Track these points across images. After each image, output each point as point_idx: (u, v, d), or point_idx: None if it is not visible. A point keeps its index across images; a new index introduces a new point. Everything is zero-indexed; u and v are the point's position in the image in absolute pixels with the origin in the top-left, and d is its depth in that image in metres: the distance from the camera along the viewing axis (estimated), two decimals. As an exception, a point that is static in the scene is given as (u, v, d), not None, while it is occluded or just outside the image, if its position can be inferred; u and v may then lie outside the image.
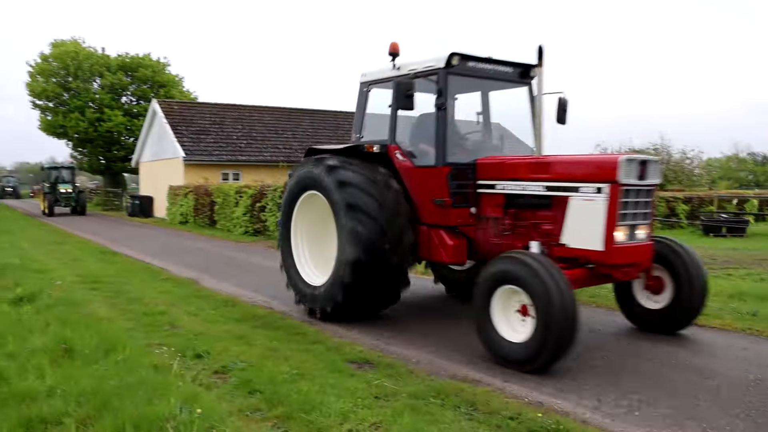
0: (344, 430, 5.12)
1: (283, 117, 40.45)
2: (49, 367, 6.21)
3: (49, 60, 51.41)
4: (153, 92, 52.26)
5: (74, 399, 5.36)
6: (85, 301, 9.85)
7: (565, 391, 6.21)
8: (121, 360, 6.50)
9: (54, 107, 51.57)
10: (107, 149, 52.13)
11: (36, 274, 12.55)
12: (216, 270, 14.78)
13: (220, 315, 9.59)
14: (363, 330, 8.77)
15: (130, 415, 4.93)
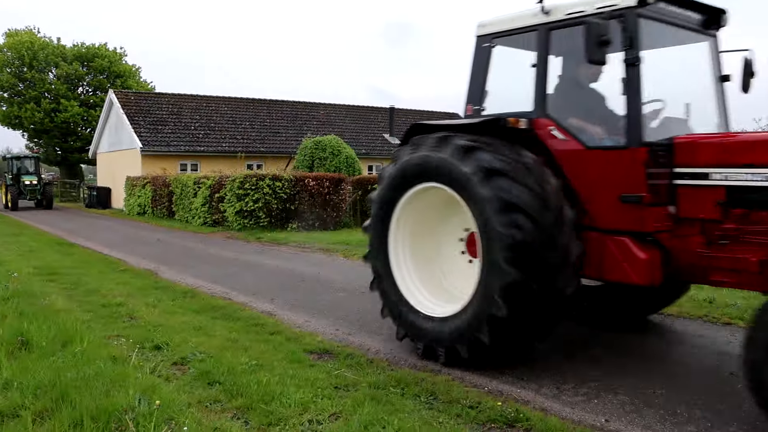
0: (304, 420, 5.15)
1: (241, 107, 40.20)
2: (5, 360, 6.15)
3: (3, 50, 50.36)
4: (110, 83, 51.61)
5: (31, 392, 5.32)
6: (42, 293, 9.73)
7: (525, 380, 6.27)
8: (78, 352, 6.45)
9: (9, 98, 50.68)
10: (64, 140, 51.39)
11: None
12: (174, 261, 14.69)
13: (179, 306, 9.56)
14: (321, 320, 8.81)
15: (87, 407, 4.90)
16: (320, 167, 27.19)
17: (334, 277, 12.32)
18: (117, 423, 4.73)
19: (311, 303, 9.98)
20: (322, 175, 22.29)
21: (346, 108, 45.22)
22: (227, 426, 4.96)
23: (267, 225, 21.14)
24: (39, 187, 38.17)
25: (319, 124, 40.78)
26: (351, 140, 38.15)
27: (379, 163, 40.75)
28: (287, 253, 16.36)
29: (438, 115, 49.27)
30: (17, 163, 39.43)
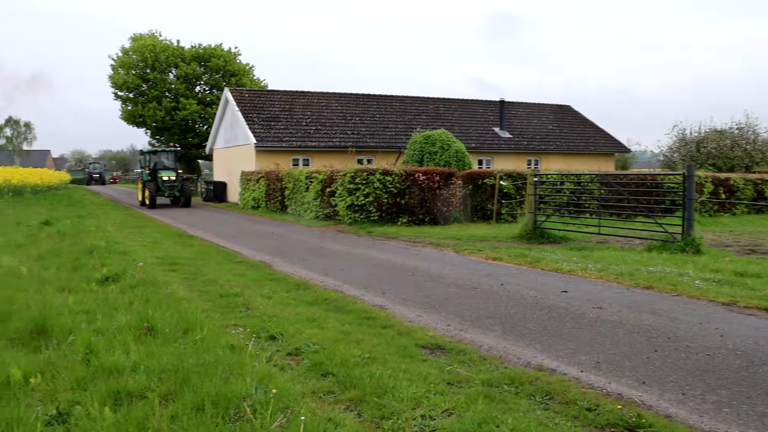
0: (417, 415, 5.12)
1: (351, 103, 40.67)
2: (133, 344, 6.46)
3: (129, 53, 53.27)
4: (225, 81, 53.56)
5: (156, 375, 5.55)
6: (164, 282, 10.14)
7: (647, 383, 5.99)
8: (199, 339, 6.68)
9: (134, 97, 53.55)
10: (183, 137, 53.59)
11: (120, 255, 13.00)
12: (288, 254, 15.00)
13: (293, 298, 9.73)
14: (433, 315, 8.77)
15: (208, 392, 5.06)
16: (430, 162, 27.15)
17: (446, 272, 12.27)
18: (235, 409, 4.85)
19: (422, 298, 9.96)
20: (432, 170, 22.24)
21: (455, 102, 45.00)
22: (341, 417, 4.99)
23: (377, 219, 21.29)
24: (177, 183, 34.67)
25: (428, 119, 40.76)
26: (461, 134, 37.98)
27: (490, 156, 40.36)
28: (398, 247, 16.42)
29: (549, 107, 48.35)
30: (155, 158, 35.87)
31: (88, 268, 11.14)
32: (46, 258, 12.33)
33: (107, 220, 23.40)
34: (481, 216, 23.51)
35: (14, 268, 10.71)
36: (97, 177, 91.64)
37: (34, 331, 6.84)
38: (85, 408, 4.85)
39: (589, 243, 16.77)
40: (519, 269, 12.66)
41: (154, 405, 4.86)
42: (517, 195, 23.02)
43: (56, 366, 5.79)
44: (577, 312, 8.86)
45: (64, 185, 64.29)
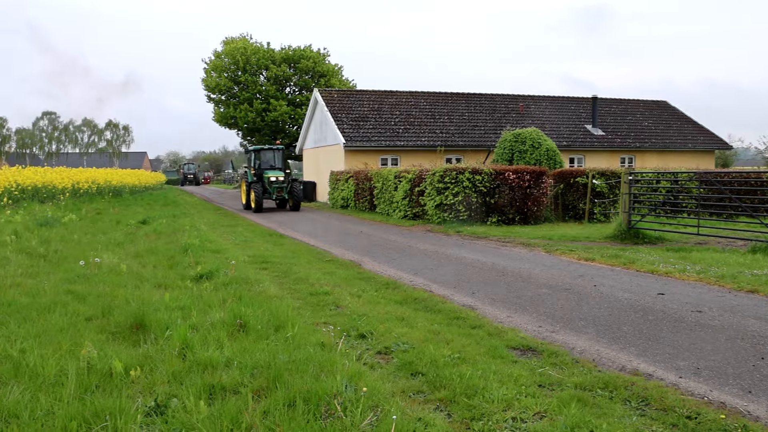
0: (507, 417, 5.04)
1: (440, 102, 40.57)
2: (227, 340, 6.61)
3: (221, 56, 54.81)
4: (314, 82, 54.42)
5: (249, 371, 5.65)
6: (256, 280, 10.34)
7: (753, 393, 5.70)
8: (290, 337, 6.77)
9: (225, 100, 55.08)
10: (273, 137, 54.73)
11: (213, 254, 13.34)
12: (377, 253, 15.07)
13: (382, 297, 9.76)
14: (524, 316, 8.64)
15: (299, 389, 5.11)
16: (520, 160, 26.81)
17: (537, 273, 12.07)
18: (326, 406, 4.88)
19: (513, 298, 9.83)
20: (523, 168, 21.93)
21: (545, 99, 44.31)
22: (430, 417, 4.96)
23: (467, 219, 21.15)
24: (286, 184, 31.40)
25: (518, 117, 40.28)
26: (551, 132, 37.39)
27: (582, 155, 39.57)
28: (487, 247, 16.26)
29: (644, 103, 47.02)
30: (259, 156, 32.85)
31: (183, 266, 11.48)
32: (144, 256, 12.77)
33: (201, 219, 24.07)
34: (573, 216, 23.06)
35: (115, 266, 11.14)
36: (191, 177, 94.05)
37: (133, 326, 7.09)
38: (181, 401, 4.98)
39: (687, 244, 16.17)
40: (613, 270, 12.33)
41: (247, 400, 4.95)
42: (610, 194, 22.46)
43: (154, 360, 5.98)
44: (675, 315, 8.55)
45: (159, 186, 66.61)
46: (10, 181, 27.61)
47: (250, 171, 32.25)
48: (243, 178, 34.08)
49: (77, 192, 34.19)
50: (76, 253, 12.42)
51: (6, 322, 7.27)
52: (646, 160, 41.22)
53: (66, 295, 8.74)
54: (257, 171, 32.01)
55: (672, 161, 41.00)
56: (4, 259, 11.75)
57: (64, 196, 31.14)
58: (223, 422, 4.59)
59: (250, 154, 33.39)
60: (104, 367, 5.65)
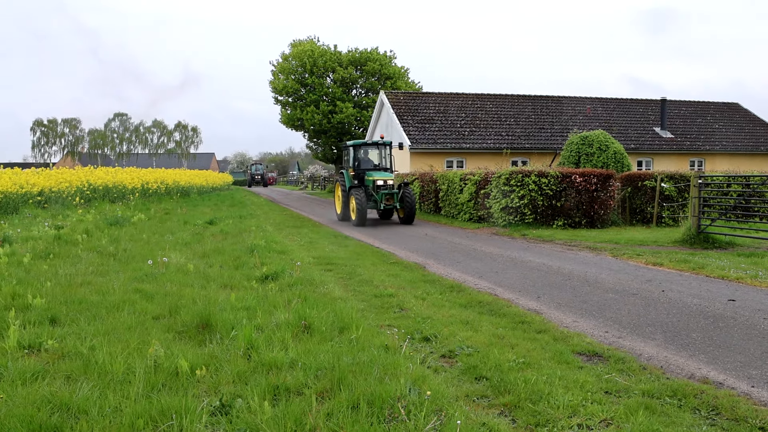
0: (573, 424, 4.98)
1: (506, 104, 40.28)
2: (291, 341, 6.67)
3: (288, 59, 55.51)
4: (380, 84, 54.63)
5: (313, 372, 5.70)
6: (321, 282, 10.41)
7: (831, 403, 5.52)
8: (354, 339, 6.81)
9: (292, 102, 55.72)
10: (339, 139, 55.15)
11: (278, 255, 13.50)
12: (442, 256, 15.04)
13: (447, 300, 9.74)
14: (590, 321, 8.51)
15: (363, 391, 5.14)
16: (587, 163, 26.42)
17: (603, 277, 11.87)
18: (390, 409, 4.88)
19: (579, 303, 9.69)
20: (590, 171, 21.57)
21: (613, 101, 43.55)
22: (494, 422, 4.93)
23: (532, 222, 20.93)
24: (397, 190, 24.49)
25: (585, 119, 39.70)
26: (619, 135, 36.75)
27: (650, 158, 38.75)
28: (553, 250, 16.07)
29: (714, 106, 45.80)
30: (360, 153, 25.90)
31: (249, 267, 11.64)
32: (210, 256, 13.01)
33: (267, 220, 24.38)
34: (641, 219, 22.60)
35: (182, 265, 11.39)
36: (258, 178, 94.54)
37: (199, 326, 7.23)
38: (246, 401, 5.06)
39: (759, 249, 15.66)
40: (681, 275, 12.04)
41: (311, 401, 5.00)
42: (679, 198, 21.93)
43: (219, 359, 6.08)
44: (747, 322, 8.30)
45: (226, 186, 67.70)
46: (83, 180, 28.47)
47: (348, 172, 25.35)
48: (338, 181, 26.64)
49: (146, 192, 35.03)
50: (145, 253, 12.74)
51: (77, 319, 7.50)
52: (716, 164, 40.12)
53: (134, 293, 8.97)
54: (357, 172, 25.22)
55: (743, 164, 39.81)
56: (76, 257, 12.15)
57: (134, 196, 31.96)
58: (287, 423, 4.64)
59: (347, 151, 26.26)
60: (170, 366, 5.77)
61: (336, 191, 27.21)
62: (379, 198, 23.85)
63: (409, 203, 24.00)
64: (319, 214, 30.31)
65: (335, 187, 27.34)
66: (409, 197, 24.03)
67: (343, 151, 27.12)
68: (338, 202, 26.54)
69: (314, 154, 63.22)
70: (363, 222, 23.15)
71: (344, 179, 25.46)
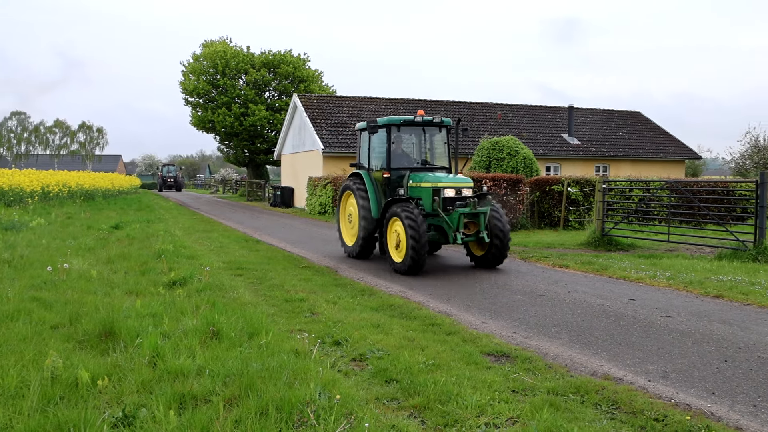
0: (481, 423, 5.06)
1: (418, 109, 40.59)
2: (199, 348, 6.51)
3: (200, 59, 54.52)
4: (294, 87, 54.28)
5: (221, 379, 5.58)
6: (231, 287, 10.24)
7: (717, 394, 5.83)
8: (264, 344, 6.71)
9: (204, 103, 54.74)
10: (251, 142, 54.52)
11: (187, 260, 13.21)
12: (354, 260, 15.05)
13: (358, 303, 9.74)
14: (499, 322, 8.67)
15: (272, 397, 5.07)
16: (497, 168, 26.92)
17: (512, 279, 12.12)
18: (299, 414, 4.85)
19: (488, 304, 9.86)
20: (500, 176, 22.05)
21: (523, 108, 44.60)
22: (404, 424, 4.95)
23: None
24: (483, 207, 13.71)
25: (496, 125, 40.47)
26: (528, 140, 37.61)
27: (558, 163, 39.83)
28: (463, 254, 16.30)
29: (618, 114, 47.47)
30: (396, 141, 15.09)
31: (156, 272, 11.34)
32: (115, 261, 12.59)
33: (176, 224, 23.84)
34: (548, 223, 23.19)
35: (85, 272, 10.97)
36: (171, 182, 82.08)
37: (102, 334, 6.95)
38: (150, 411, 4.89)
39: (658, 251, 16.38)
40: (586, 276, 12.43)
41: (219, 409, 4.90)
42: (584, 202, 22.63)
43: (123, 369, 5.86)
44: (645, 321, 8.66)
45: (134, 189, 65.90)
46: (-27, 183, 27.10)
47: (369, 175, 15.11)
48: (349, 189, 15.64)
49: (47, 195, 33.68)
50: (44, 259, 12.18)
51: (-36, 331, 7.08)
52: (620, 169, 41.59)
53: (31, 302, 8.50)
54: (393, 177, 14.63)
55: (644, 170, 41.41)
56: (-35, 264, 11.52)
57: (33, 199, 30.61)
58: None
59: (364, 138, 15.94)
60: (69, 377, 5.49)
61: (342, 206, 16.15)
62: (454, 222, 13.11)
63: (500, 231, 13.46)
64: (230, 218, 29.85)
65: (340, 198, 16.27)
66: (499, 219, 13.58)
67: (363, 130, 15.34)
68: (348, 224, 15.97)
69: (226, 157, 62.29)
70: (421, 265, 12.73)
71: (362, 185, 15.05)
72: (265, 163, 59.00)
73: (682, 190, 19.51)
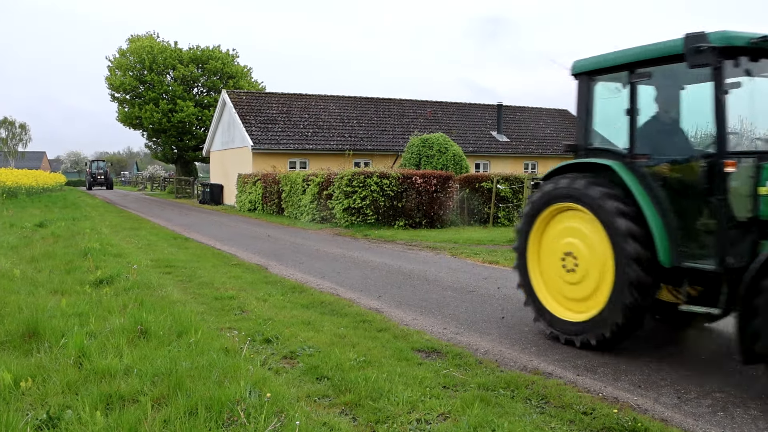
0: (412, 419, 5.09)
1: (349, 105, 40.62)
2: (126, 347, 6.37)
3: (126, 54, 53.34)
4: (222, 83, 53.64)
5: (149, 379, 5.48)
6: (159, 285, 10.05)
7: (642, 387, 5.99)
8: (193, 342, 6.61)
9: (131, 99, 53.63)
10: (179, 139, 53.61)
11: (114, 258, 12.89)
12: (284, 257, 14.96)
13: (288, 301, 9.69)
14: (429, 318, 8.74)
15: (202, 396, 5.00)
16: (427, 165, 27.14)
17: (442, 276, 12.23)
18: (229, 413, 4.80)
19: (419, 301, 9.93)
20: (430, 173, 22.21)
21: (453, 105, 45.02)
22: (335, 421, 4.95)
23: (374, 222, 21.25)
24: None
25: (426, 122, 40.76)
26: (458, 138, 37.95)
27: (487, 160, 40.36)
28: (394, 250, 16.38)
29: (547, 112, 48.41)
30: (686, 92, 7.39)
31: (82, 271, 11.03)
32: (40, 260, 12.20)
33: (102, 222, 23.25)
34: (478, 220, 23.49)
35: (7, 271, 10.58)
36: (101, 179, 75.01)
37: (25, 334, 6.73)
38: (76, 412, 4.77)
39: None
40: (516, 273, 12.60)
41: (147, 409, 4.80)
42: (513, 199, 23.01)
43: (47, 370, 5.69)
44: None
45: (59, 187, 64.00)
46: None
47: (634, 167, 6.96)
48: (555, 202, 7.55)
49: (-34, 193, 32.49)
50: (-36, 258, 11.76)
51: None
52: (549, 166, 41.83)
53: (-52, 302, 8.19)
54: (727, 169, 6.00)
55: (573, 167, 42.24)
56: None
57: (-49, 196, 29.49)
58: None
59: (653, 84, 7.27)
60: (-9, 380, 5.34)
61: (537, 233, 8.06)
62: None
63: None
64: (158, 215, 29.29)
65: (532, 218, 7.99)
66: None
67: (591, 87, 7.69)
68: (558, 273, 7.68)
69: (154, 154, 61.06)
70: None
71: (614, 190, 6.93)
72: (194, 160, 58.07)
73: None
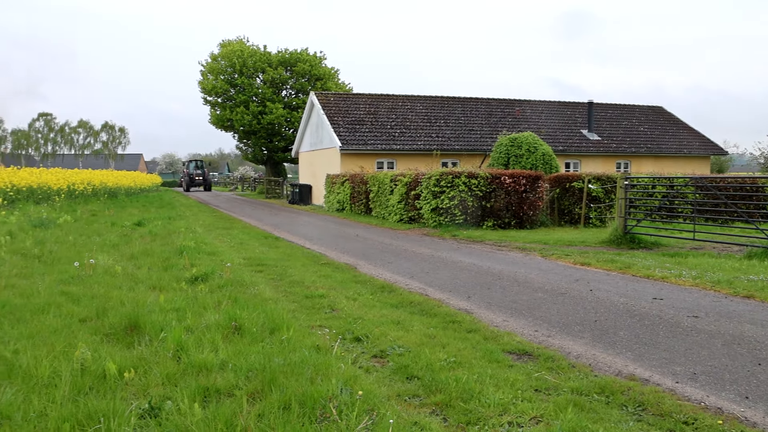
0: (504, 422, 5.01)
1: (436, 106, 40.59)
2: (221, 343, 6.56)
3: (218, 59, 54.95)
4: (311, 85, 54.55)
5: (244, 374, 5.61)
6: (251, 283, 10.28)
7: (750, 398, 5.65)
8: (285, 339, 6.73)
9: (222, 102, 55.16)
10: (269, 140, 54.74)
11: (208, 256, 13.27)
12: (373, 256, 15.04)
13: (378, 300, 9.73)
14: (520, 320, 8.61)
15: (294, 392, 5.08)
16: (516, 165, 26.83)
17: (532, 277, 12.05)
18: (321, 410, 4.84)
19: (509, 302, 9.80)
20: (519, 173, 21.93)
21: (541, 104, 44.38)
22: (426, 421, 4.93)
23: (462, 223, 21.13)
24: None
25: (514, 121, 40.33)
26: (547, 137, 37.42)
27: (578, 159, 39.62)
28: (483, 251, 16.24)
29: (639, 109, 47.12)
30: None
31: (178, 268, 11.42)
32: (139, 257, 12.69)
33: (196, 221, 23.96)
34: (569, 220, 23.06)
35: (110, 267, 11.08)
36: (199, 179, 69.80)
37: (127, 328, 7.03)
38: (175, 403, 4.94)
39: (683, 249, 16.17)
40: (609, 275, 12.31)
41: (242, 403, 4.91)
42: (606, 199, 22.47)
43: (148, 362, 5.93)
44: (671, 320, 8.52)
45: (155, 187, 66.25)
46: (6, 182, 27.47)
47: None
48: None
49: (72, 193, 34.00)
50: (71, 255, 12.32)
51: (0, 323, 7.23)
52: (642, 165, 41.28)
53: (60, 296, 8.69)
54: None
55: (668, 166, 41.07)
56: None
57: (60, 197, 30.94)
58: (217, 425, 4.54)
59: None
60: (98, 369, 5.60)
61: None
62: None
63: None
64: (249, 215, 29.97)
65: None
66: None
67: None
68: None
69: (244, 155, 62.64)
70: None
71: None
72: (283, 161, 59.17)
73: (708, 187, 19.27)
